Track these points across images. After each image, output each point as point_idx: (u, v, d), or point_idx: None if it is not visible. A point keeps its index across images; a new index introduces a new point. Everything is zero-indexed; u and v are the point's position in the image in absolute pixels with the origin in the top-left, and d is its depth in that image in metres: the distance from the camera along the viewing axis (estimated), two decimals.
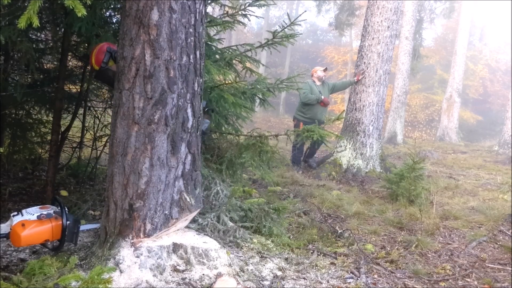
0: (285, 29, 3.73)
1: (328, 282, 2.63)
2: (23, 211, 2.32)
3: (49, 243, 2.43)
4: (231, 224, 3.00)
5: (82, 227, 2.57)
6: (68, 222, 2.37)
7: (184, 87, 2.46)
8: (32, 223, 2.26)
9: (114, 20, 3.67)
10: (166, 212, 2.48)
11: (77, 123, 4.18)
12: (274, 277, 2.59)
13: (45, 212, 2.33)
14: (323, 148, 8.14)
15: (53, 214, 2.37)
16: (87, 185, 4.13)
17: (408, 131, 20.86)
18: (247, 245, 2.98)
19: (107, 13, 3.60)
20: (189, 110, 2.52)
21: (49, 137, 3.72)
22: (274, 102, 20.19)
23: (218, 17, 3.84)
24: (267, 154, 3.43)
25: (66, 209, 2.43)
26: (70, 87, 4.02)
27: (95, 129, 4.31)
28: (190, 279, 2.31)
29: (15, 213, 2.32)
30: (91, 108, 4.29)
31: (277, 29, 3.76)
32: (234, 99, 3.18)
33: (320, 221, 3.95)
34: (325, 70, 7.32)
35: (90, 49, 3.23)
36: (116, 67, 2.47)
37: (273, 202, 4.14)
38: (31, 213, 2.31)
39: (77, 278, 1.82)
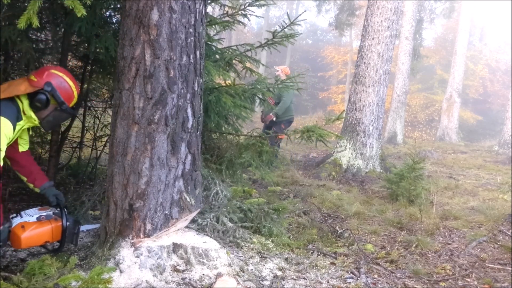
0: (285, 29, 3.73)
1: (328, 282, 2.63)
2: (22, 212, 2.30)
3: (49, 244, 2.42)
4: (230, 224, 3.00)
5: (82, 228, 2.57)
6: (68, 223, 2.36)
7: (184, 87, 2.46)
8: (32, 224, 2.24)
9: (114, 20, 3.67)
10: (166, 212, 2.48)
11: (77, 123, 4.18)
12: (274, 277, 2.59)
13: (44, 214, 2.32)
14: (323, 148, 8.14)
15: (53, 216, 2.35)
16: (87, 185, 4.13)
17: (408, 131, 20.84)
18: (247, 245, 2.98)
19: (107, 13, 3.60)
20: (189, 110, 2.52)
21: (49, 137, 3.72)
22: None
23: (218, 17, 3.84)
24: (267, 154, 3.43)
25: (65, 210, 2.42)
26: None
27: (95, 129, 4.31)
28: (190, 279, 2.31)
29: (14, 214, 2.30)
30: (91, 108, 4.29)
31: (277, 29, 3.76)
32: (232, 102, 3.18)
33: (320, 221, 3.95)
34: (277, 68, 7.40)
35: (89, 48, 3.23)
36: (116, 67, 2.47)
37: (273, 202, 4.14)
38: (30, 215, 2.29)
39: (77, 278, 1.82)
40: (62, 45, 3.41)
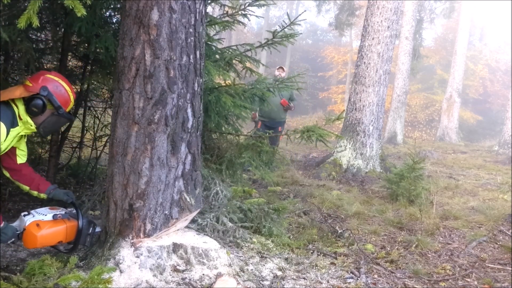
0: (285, 29, 3.73)
1: (328, 282, 2.63)
2: (33, 211, 2.25)
3: (60, 245, 2.37)
4: (230, 224, 3.00)
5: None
6: (83, 223, 2.33)
7: (184, 87, 2.46)
8: (47, 223, 2.20)
9: (114, 20, 3.67)
10: (166, 212, 2.48)
11: (77, 123, 4.17)
12: (274, 277, 2.59)
13: (58, 213, 2.28)
14: (323, 148, 8.13)
15: (66, 215, 2.32)
16: (87, 185, 4.13)
17: (408, 131, 20.84)
18: (247, 245, 2.98)
19: (107, 13, 3.59)
20: (189, 110, 2.52)
21: (49, 137, 3.72)
22: None
23: (218, 17, 3.84)
24: (267, 154, 3.43)
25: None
26: None
27: (95, 129, 4.31)
28: (190, 279, 2.31)
29: (26, 212, 2.24)
30: (91, 108, 4.29)
31: (277, 29, 3.76)
32: (232, 101, 3.17)
33: (320, 221, 3.95)
34: (278, 68, 6.87)
35: (90, 48, 3.22)
36: (116, 67, 2.47)
37: (273, 202, 4.14)
38: (43, 214, 2.23)
39: (77, 278, 1.82)
40: (62, 45, 3.41)
